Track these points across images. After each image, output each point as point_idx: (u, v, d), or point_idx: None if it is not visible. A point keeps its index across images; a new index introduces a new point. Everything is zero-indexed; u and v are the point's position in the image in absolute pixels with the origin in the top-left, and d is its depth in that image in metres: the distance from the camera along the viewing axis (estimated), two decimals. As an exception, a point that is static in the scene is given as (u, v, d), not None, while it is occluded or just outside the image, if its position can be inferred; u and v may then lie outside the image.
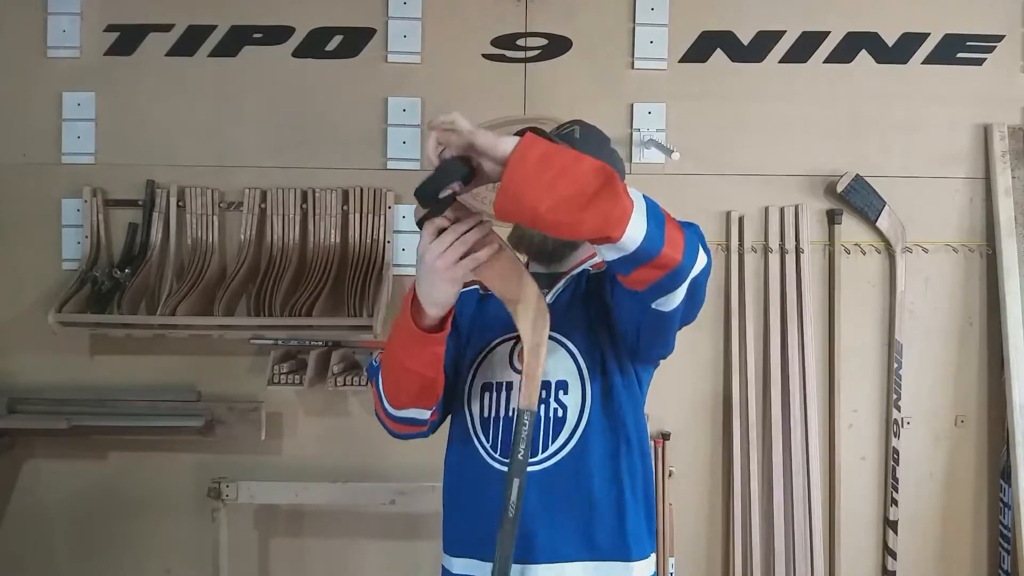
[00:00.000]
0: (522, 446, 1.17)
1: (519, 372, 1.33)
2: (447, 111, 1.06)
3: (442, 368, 1.28)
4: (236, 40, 2.71)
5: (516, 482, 1.18)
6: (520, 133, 1.07)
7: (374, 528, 2.70)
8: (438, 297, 1.17)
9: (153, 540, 2.71)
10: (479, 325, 1.42)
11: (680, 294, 1.13)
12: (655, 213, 1.06)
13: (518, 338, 1.38)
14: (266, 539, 2.72)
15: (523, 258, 1.43)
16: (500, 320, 1.35)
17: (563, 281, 1.42)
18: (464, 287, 1.30)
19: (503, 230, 1.29)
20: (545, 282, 1.41)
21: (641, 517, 1.35)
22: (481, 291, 1.47)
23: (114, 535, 2.71)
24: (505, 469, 1.22)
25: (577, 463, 1.30)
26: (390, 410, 1.33)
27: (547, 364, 1.32)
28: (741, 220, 2.71)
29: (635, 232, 1.03)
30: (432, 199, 1.08)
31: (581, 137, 1.40)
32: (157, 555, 2.71)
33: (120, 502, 2.70)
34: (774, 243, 2.69)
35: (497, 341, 1.40)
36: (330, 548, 2.72)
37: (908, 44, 2.72)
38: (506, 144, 1.02)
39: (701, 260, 1.12)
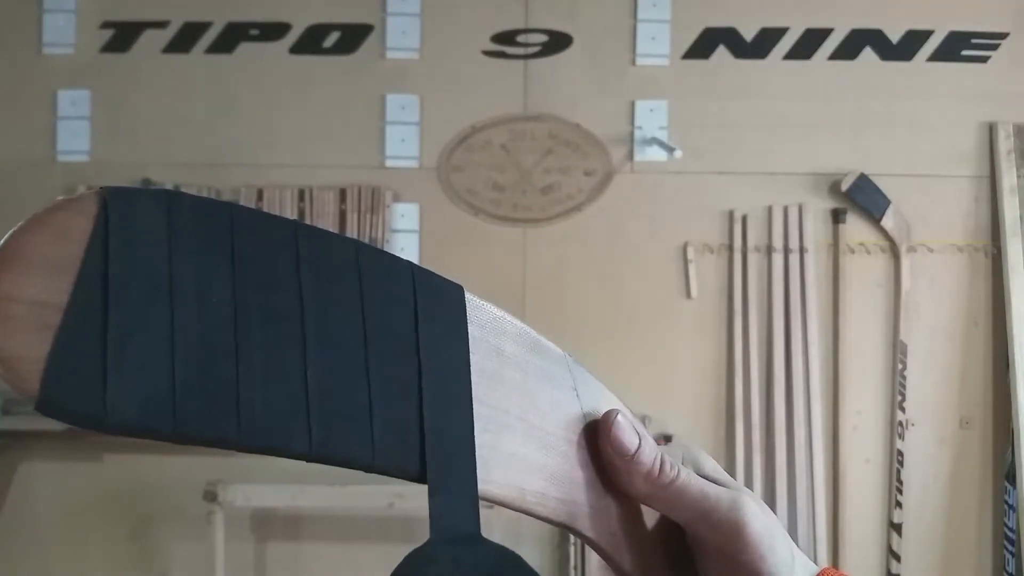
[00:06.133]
0: None
1: None
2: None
3: None
4: (232, 37, 2.68)
5: None
6: None
7: (372, 531, 2.67)
8: None
9: (149, 543, 2.68)
10: None
11: None
12: None
13: None
14: (263, 542, 2.69)
15: None
16: None
17: None
18: None
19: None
20: None
21: None
22: None
23: (109, 538, 2.67)
24: None
25: None
26: None
27: None
28: (744, 219, 2.68)
29: None
30: None
31: None
32: (153, 558, 2.68)
33: (115, 505, 2.67)
34: (778, 243, 2.66)
35: None
36: (327, 551, 2.69)
37: (912, 41, 2.69)
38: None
39: None
